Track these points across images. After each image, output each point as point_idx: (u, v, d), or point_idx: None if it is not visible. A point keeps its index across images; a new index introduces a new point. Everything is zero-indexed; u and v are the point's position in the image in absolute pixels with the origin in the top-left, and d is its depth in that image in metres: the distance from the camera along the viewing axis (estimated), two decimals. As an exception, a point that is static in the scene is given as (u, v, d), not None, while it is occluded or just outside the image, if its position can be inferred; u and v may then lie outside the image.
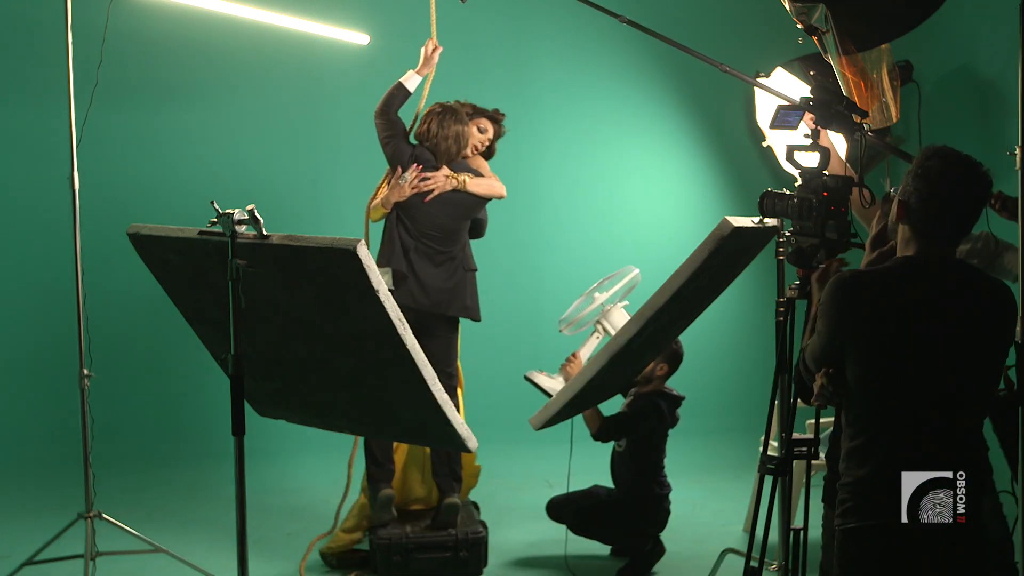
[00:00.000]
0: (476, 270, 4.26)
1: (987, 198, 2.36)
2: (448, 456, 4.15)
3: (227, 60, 5.84)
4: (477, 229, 4.34)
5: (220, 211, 2.54)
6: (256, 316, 2.82)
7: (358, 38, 4.62)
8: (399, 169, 4.06)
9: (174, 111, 5.89)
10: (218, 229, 2.59)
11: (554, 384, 3.92)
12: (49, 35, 4.50)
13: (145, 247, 2.95)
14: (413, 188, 4.02)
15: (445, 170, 4.08)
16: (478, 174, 4.20)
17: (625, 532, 4.13)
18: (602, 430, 4.06)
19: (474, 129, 4.28)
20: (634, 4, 6.57)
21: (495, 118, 4.37)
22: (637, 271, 4.05)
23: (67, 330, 3.94)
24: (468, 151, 4.23)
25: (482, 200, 4.19)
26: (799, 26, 3.54)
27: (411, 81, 4.16)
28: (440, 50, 4.23)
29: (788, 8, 3.49)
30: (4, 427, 5.66)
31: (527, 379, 4.04)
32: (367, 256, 2.59)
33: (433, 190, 4.03)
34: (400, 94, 4.13)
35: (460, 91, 6.18)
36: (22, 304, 5.77)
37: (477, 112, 4.33)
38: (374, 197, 4.19)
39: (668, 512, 4.15)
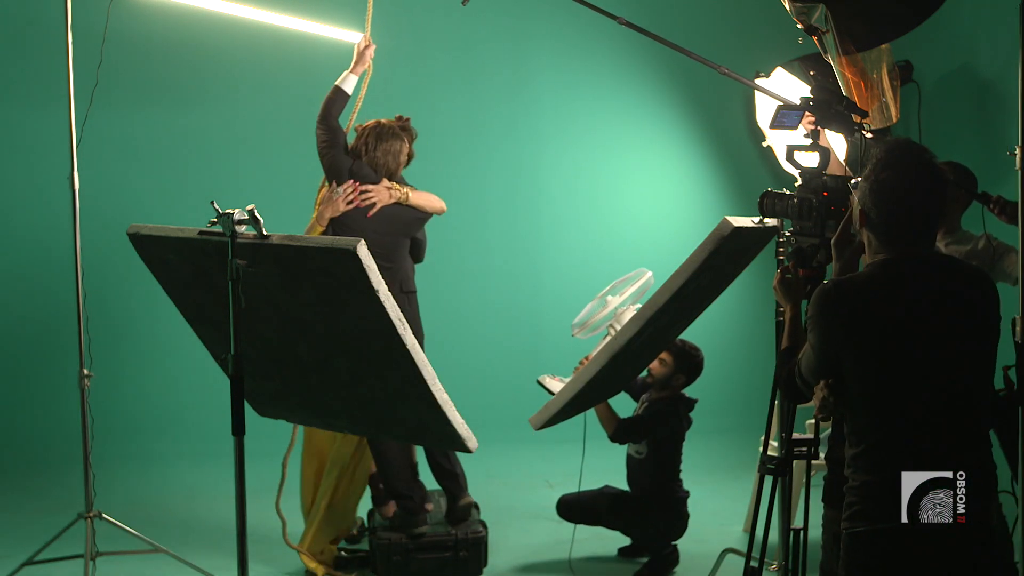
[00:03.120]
0: (415, 292, 4.06)
1: (946, 189, 2.30)
2: (447, 458, 4.13)
3: (227, 60, 5.84)
4: (416, 251, 4.15)
5: (220, 211, 2.54)
6: (256, 316, 2.82)
7: (357, 38, 4.62)
8: (334, 184, 3.94)
9: (174, 111, 5.89)
10: (218, 229, 2.59)
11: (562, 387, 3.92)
12: (49, 35, 4.50)
13: (145, 247, 2.95)
14: (350, 204, 3.88)
15: (386, 183, 3.95)
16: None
17: (648, 528, 4.12)
18: (619, 431, 4.05)
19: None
20: (634, 4, 6.58)
21: (403, 128, 4.12)
22: (650, 274, 4.01)
23: (67, 330, 3.93)
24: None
25: (423, 215, 4.04)
26: (799, 26, 3.54)
27: (348, 83, 4.05)
28: (373, 47, 4.12)
29: (788, 8, 3.49)
30: (4, 427, 5.66)
31: (539, 383, 4.03)
32: (367, 256, 2.60)
33: (375, 204, 3.90)
34: (339, 98, 4.03)
35: (461, 91, 6.23)
36: (22, 304, 5.77)
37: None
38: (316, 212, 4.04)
39: (688, 516, 4.16)
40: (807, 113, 2.96)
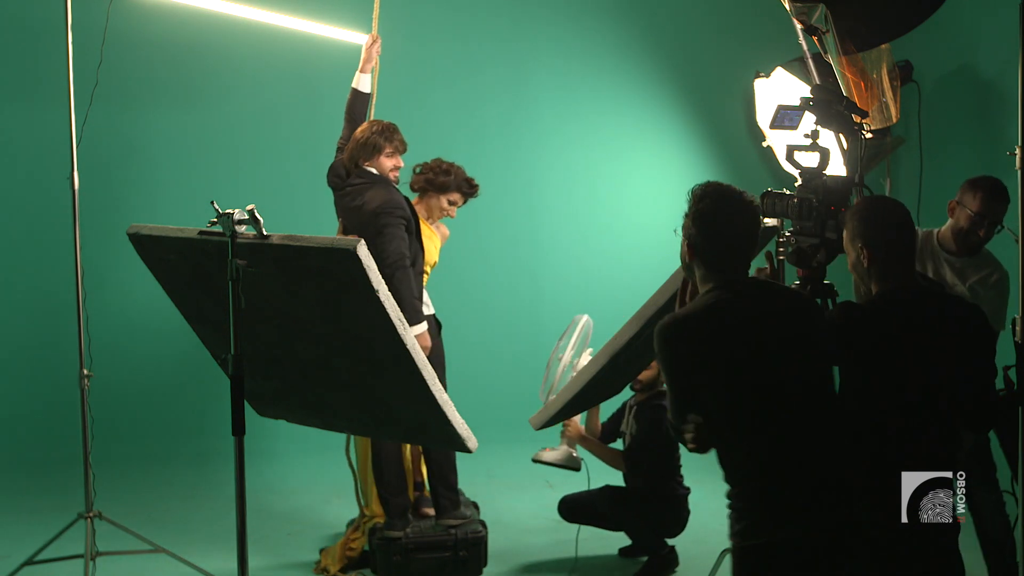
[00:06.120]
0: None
1: (758, 216, 2.56)
2: (440, 467, 4.11)
3: (227, 60, 5.84)
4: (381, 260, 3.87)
5: (220, 211, 2.54)
6: (256, 316, 2.82)
7: (358, 38, 4.63)
8: None
9: (174, 111, 5.89)
10: (218, 229, 2.59)
11: (558, 454, 3.99)
12: (49, 35, 4.50)
13: (145, 247, 2.95)
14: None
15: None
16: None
17: (646, 525, 4.12)
18: (629, 464, 4.09)
19: (444, 201, 4.16)
20: (636, 4, 6.59)
21: (468, 192, 4.21)
22: (587, 317, 4.03)
23: (67, 330, 3.94)
24: (378, 169, 3.95)
25: (369, 211, 3.78)
26: (799, 26, 3.55)
27: (362, 82, 4.16)
28: (379, 43, 4.20)
29: (788, 8, 3.49)
30: (4, 427, 5.66)
31: (535, 461, 4.05)
32: (367, 256, 2.60)
33: None
34: (356, 98, 4.16)
35: (460, 93, 6.22)
36: (22, 304, 5.77)
37: (456, 183, 4.17)
38: None
39: (688, 513, 4.15)
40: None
